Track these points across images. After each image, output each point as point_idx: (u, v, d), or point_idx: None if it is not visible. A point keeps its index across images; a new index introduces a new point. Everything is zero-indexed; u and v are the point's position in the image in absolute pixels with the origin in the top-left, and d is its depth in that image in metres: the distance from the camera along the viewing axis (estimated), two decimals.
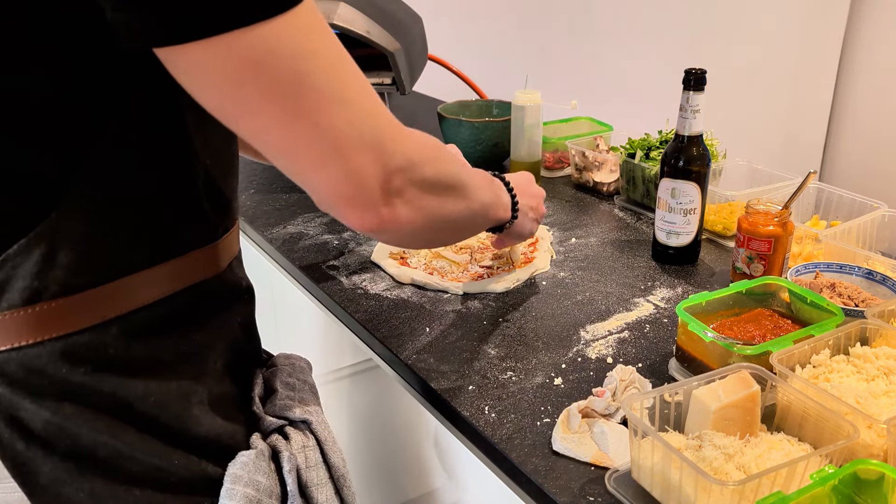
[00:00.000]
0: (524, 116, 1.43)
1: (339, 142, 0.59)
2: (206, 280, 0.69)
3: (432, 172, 0.69)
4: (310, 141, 0.59)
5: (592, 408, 0.82)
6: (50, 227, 0.59)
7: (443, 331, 1.00)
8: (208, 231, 0.69)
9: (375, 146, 0.61)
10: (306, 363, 0.86)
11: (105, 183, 0.60)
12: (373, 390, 1.27)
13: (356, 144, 0.60)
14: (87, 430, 0.62)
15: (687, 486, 0.65)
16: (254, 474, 0.69)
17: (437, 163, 0.70)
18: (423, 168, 0.67)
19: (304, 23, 0.56)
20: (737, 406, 0.71)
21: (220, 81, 0.55)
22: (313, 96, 0.57)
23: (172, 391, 0.66)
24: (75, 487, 0.62)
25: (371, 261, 1.19)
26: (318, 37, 0.58)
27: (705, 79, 1.08)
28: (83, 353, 0.61)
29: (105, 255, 0.62)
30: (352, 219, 0.64)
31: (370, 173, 0.61)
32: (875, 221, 1.16)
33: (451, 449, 1.39)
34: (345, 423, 1.42)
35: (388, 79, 1.42)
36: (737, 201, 1.28)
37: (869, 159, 1.87)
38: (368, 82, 0.62)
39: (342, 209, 0.63)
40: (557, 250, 1.24)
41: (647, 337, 0.99)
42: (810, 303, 0.88)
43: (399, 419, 1.46)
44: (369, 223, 0.65)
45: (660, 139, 1.39)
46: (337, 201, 0.63)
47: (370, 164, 0.61)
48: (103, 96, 0.58)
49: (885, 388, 0.77)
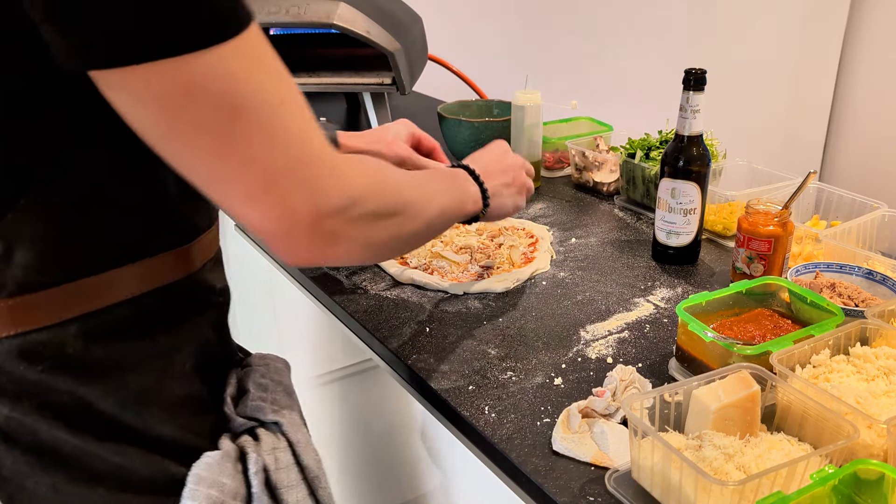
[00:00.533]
0: (524, 116, 1.43)
1: (271, 178, 0.58)
2: (176, 282, 0.68)
3: (374, 206, 0.67)
4: (240, 175, 0.57)
5: (592, 408, 0.82)
6: (6, 228, 0.59)
7: (443, 331, 1.00)
8: (181, 233, 0.69)
9: (310, 186, 0.60)
10: (284, 364, 0.85)
11: (66, 186, 0.60)
12: (374, 390, 1.27)
13: (290, 183, 0.59)
14: (46, 426, 0.62)
15: (687, 486, 0.65)
16: (218, 475, 0.68)
17: (379, 196, 0.68)
18: (364, 204, 0.65)
19: (248, 53, 0.55)
20: (737, 406, 0.71)
21: (154, 107, 0.54)
22: (248, 129, 0.56)
23: (133, 392, 0.66)
24: (37, 481, 0.63)
25: None
26: (261, 68, 0.57)
27: (705, 79, 1.08)
28: (41, 351, 0.61)
29: (66, 255, 0.61)
30: (282, 255, 0.63)
31: (302, 213, 0.60)
32: (875, 221, 1.16)
33: (449, 449, 1.39)
34: (345, 423, 1.42)
35: (388, 79, 1.42)
36: (737, 201, 1.28)
37: (869, 159, 1.87)
38: (312, 118, 0.61)
39: (272, 244, 0.62)
40: (557, 250, 1.24)
41: (647, 337, 0.99)
42: (810, 303, 0.88)
43: (399, 419, 1.46)
44: (302, 260, 0.64)
45: (660, 139, 1.39)
46: (267, 237, 0.62)
47: (303, 204, 0.60)
48: (61, 104, 0.58)
49: (885, 388, 0.77)
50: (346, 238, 0.65)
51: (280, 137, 0.58)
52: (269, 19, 1.34)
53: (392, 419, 1.46)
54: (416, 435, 1.44)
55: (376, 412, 1.28)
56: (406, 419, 1.49)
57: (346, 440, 1.53)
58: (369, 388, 1.34)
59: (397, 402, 1.49)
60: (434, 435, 1.00)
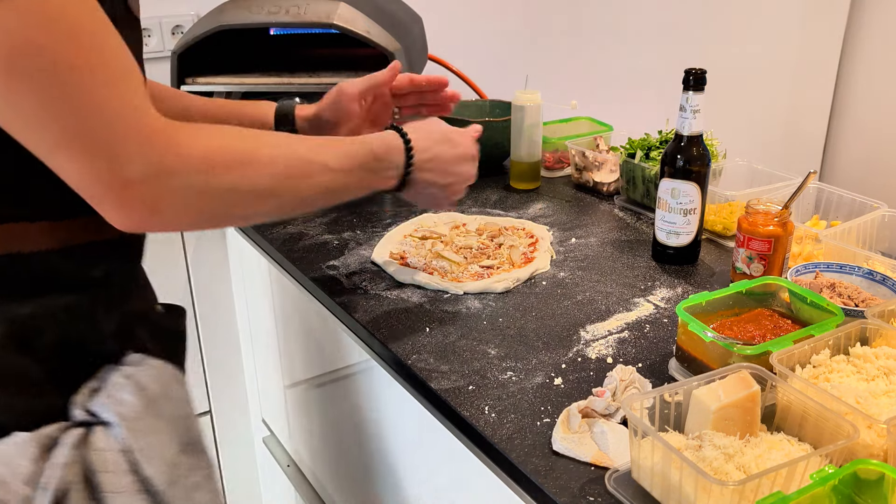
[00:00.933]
0: (524, 116, 1.43)
1: (70, 141, 0.60)
2: (37, 253, 0.69)
3: (205, 176, 0.67)
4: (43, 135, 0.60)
5: (592, 408, 0.82)
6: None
7: (443, 331, 1.00)
8: (44, 207, 0.69)
9: (110, 152, 0.61)
10: (171, 372, 0.79)
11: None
12: (375, 390, 1.27)
13: (88, 147, 0.61)
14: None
15: (687, 486, 0.65)
16: (16, 456, 0.67)
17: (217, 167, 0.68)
18: (187, 174, 0.66)
19: (38, 13, 0.56)
20: (737, 406, 0.71)
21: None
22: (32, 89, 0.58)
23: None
24: None
25: (371, 261, 1.19)
26: (54, 31, 0.58)
27: (705, 79, 1.08)
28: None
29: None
30: (109, 219, 0.65)
31: (108, 178, 0.62)
32: (875, 221, 1.16)
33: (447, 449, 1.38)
34: (345, 422, 1.42)
35: None
36: (737, 201, 1.28)
37: (869, 159, 1.87)
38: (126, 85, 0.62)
39: (98, 210, 0.64)
40: (557, 250, 1.24)
41: (647, 337, 0.99)
42: (810, 303, 0.88)
43: (400, 419, 1.45)
44: (128, 225, 0.65)
45: (660, 139, 1.39)
46: (90, 201, 0.64)
47: (106, 169, 0.61)
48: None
49: (885, 388, 0.77)
50: (169, 206, 0.66)
51: (74, 103, 0.59)
52: (269, 19, 1.34)
53: (398, 417, 1.45)
54: (422, 434, 1.43)
55: (383, 409, 1.28)
56: (412, 417, 1.49)
57: (345, 440, 1.52)
58: (376, 386, 1.33)
59: (402, 399, 1.48)
60: (435, 436, 0.99)
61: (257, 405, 1.73)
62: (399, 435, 1.11)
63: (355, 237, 1.28)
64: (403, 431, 1.09)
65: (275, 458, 1.64)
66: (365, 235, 1.28)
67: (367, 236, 1.28)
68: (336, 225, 1.33)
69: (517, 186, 1.50)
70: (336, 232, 1.30)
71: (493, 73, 2.13)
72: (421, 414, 0.95)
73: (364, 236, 1.28)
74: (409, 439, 1.08)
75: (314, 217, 1.36)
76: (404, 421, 1.06)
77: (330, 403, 1.32)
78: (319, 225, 1.33)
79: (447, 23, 2.05)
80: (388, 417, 1.13)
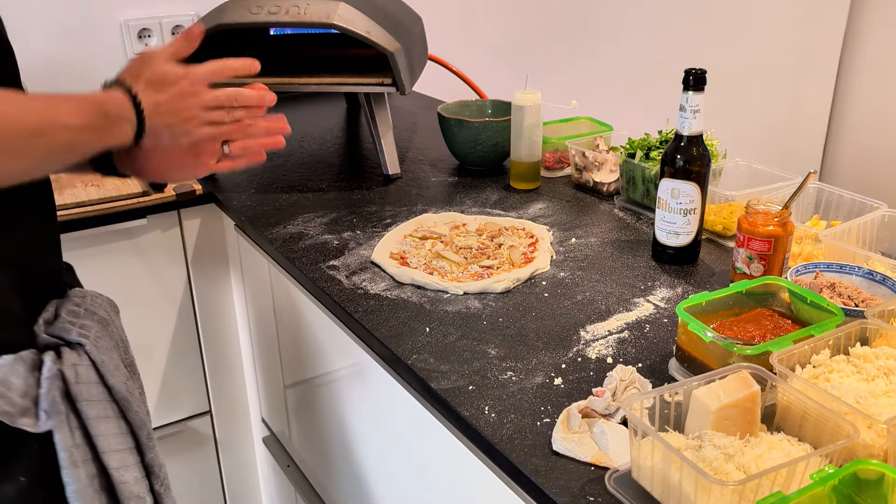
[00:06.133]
0: (524, 116, 1.43)
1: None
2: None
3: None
4: None
5: (592, 408, 0.82)
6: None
7: (443, 331, 1.00)
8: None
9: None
10: (107, 301, 0.92)
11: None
12: (375, 390, 1.27)
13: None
14: None
15: (687, 486, 0.65)
16: (7, 375, 0.76)
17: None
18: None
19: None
20: (737, 406, 0.71)
21: None
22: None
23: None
24: None
25: (371, 261, 1.19)
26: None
27: (705, 79, 1.08)
28: None
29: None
30: None
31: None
32: (875, 221, 1.16)
33: (447, 450, 1.38)
34: (345, 422, 1.42)
35: (388, 79, 1.42)
36: (737, 201, 1.28)
37: (869, 159, 1.87)
38: None
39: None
40: (557, 250, 1.24)
41: (647, 337, 0.99)
42: (810, 303, 0.88)
43: (400, 419, 1.45)
44: None
45: (660, 139, 1.39)
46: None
47: None
48: None
49: (885, 388, 0.77)
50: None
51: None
52: (269, 19, 1.34)
53: (390, 419, 1.45)
54: (415, 435, 1.43)
55: (382, 410, 1.28)
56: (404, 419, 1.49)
57: (345, 440, 1.52)
58: (376, 386, 1.33)
59: (398, 401, 1.49)
60: (435, 436, 1.00)
61: (257, 405, 1.73)
62: (399, 435, 1.11)
63: (355, 237, 1.28)
64: (403, 431, 1.09)
65: (275, 458, 1.64)
66: (365, 235, 1.28)
67: (367, 236, 1.28)
68: (336, 225, 1.33)
69: (517, 186, 1.50)
70: (336, 232, 1.30)
71: (493, 73, 2.13)
72: (421, 414, 0.95)
73: (364, 236, 1.28)
74: (408, 439, 1.08)
75: (314, 217, 1.36)
76: (404, 421, 1.06)
77: (330, 403, 1.32)
78: (319, 225, 1.33)
79: (447, 23, 2.05)
80: (388, 417, 1.12)
